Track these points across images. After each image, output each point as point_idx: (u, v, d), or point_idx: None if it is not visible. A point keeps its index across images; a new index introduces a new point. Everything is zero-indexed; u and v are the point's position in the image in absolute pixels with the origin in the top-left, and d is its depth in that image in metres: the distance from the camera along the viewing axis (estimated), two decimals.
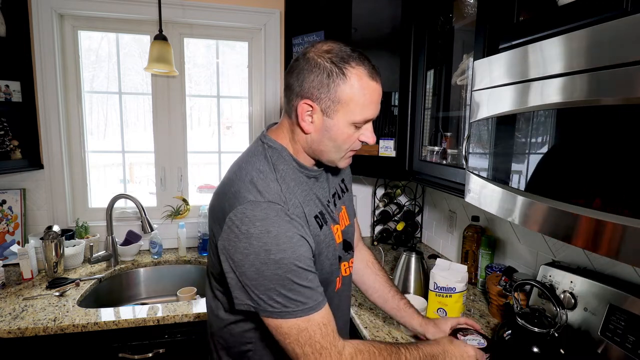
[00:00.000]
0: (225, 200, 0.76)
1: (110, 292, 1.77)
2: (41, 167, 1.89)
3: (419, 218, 2.21)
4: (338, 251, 0.90)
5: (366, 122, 0.80)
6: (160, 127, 2.06)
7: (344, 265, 0.97)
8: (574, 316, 1.07)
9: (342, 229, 0.93)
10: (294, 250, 0.71)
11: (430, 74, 1.53)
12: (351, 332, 1.35)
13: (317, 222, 0.82)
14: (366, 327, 1.27)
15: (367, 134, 0.81)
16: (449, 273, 1.25)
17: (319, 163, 0.87)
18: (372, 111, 0.78)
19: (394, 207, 2.16)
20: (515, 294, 1.14)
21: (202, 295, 1.71)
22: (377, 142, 1.74)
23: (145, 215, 1.79)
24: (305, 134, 0.79)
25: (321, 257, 0.82)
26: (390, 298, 1.13)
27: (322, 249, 0.82)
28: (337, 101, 0.75)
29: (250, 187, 0.74)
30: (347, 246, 0.97)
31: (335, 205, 0.93)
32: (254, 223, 0.70)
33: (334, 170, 0.96)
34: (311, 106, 0.76)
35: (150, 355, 1.38)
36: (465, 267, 1.27)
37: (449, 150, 1.43)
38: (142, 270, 1.90)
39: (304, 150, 0.83)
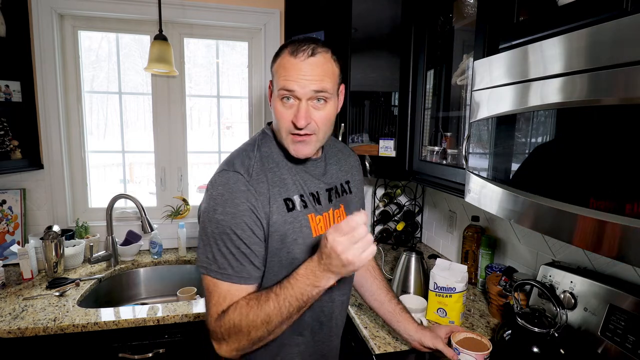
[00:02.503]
0: None
1: (110, 292, 1.77)
2: (41, 167, 1.89)
3: (419, 218, 2.21)
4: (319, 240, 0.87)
5: (290, 94, 0.81)
6: (160, 127, 2.06)
7: None
8: (574, 316, 1.07)
9: (330, 224, 0.92)
10: (235, 216, 0.78)
11: (430, 74, 1.53)
12: (351, 332, 1.35)
13: (286, 204, 0.84)
14: (366, 327, 1.27)
15: (297, 115, 0.81)
16: (449, 273, 1.25)
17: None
18: (290, 83, 0.80)
19: (394, 207, 2.16)
20: (515, 294, 1.14)
21: (202, 295, 1.71)
22: (377, 142, 1.74)
23: (145, 215, 1.79)
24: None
25: (287, 239, 0.83)
26: (387, 302, 1.13)
27: (286, 230, 0.83)
28: (272, 75, 0.85)
29: (228, 161, 0.86)
30: None
31: (329, 200, 0.93)
32: (216, 187, 0.81)
33: (336, 169, 0.99)
34: (270, 86, 0.87)
35: (150, 355, 1.38)
36: (465, 267, 1.27)
37: (449, 150, 1.43)
38: (142, 270, 1.90)
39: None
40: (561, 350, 0.98)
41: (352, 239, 0.68)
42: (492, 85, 0.91)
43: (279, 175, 0.86)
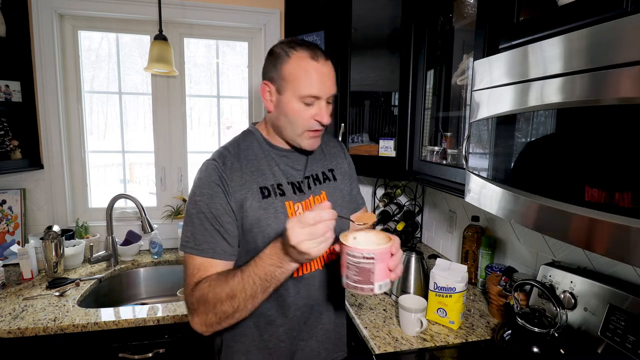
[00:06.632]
0: None
1: (110, 292, 1.77)
2: (41, 167, 1.89)
3: (419, 218, 2.21)
4: None
5: (315, 99, 0.88)
6: (160, 127, 2.06)
7: (326, 252, 0.95)
8: (574, 316, 1.07)
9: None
10: (211, 196, 0.87)
11: (430, 74, 1.53)
12: (351, 332, 1.35)
13: (261, 191, 0.91)
14: (366, 327, 1.27)
15: (321, 113, 0.89)
16: (449, 273, 1.25)
17: (294, 148, 0.98)
18: (317, 88, 0.86)
19: (394, 207, 2.16)
20: (515, 294, 1.14)
21: None
22: (377, 142, 1.74)
23: (145, 215, 1.79)
24: (269, 112, 0.94)
25: (261, 223, 0.89)
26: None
27: (260, 215, 0.89)
28: (284, 79, 0.87)
29: (212, 154, 0.95)
30: None
31: (309, 187, 0.99)
32: (198, 173, 0.91)
33: (319, 158, 1.04)
34: (268, 86, 0.90)
35: (150, 355, 1.38)
36: (465, 267, 1.27)
37: (449, 150, 1.43)
38: (142, 270, 1.90)
39: (272, 128, 0.96)
40: (561, 350, 0.98)
41: (310, 234, 0.69)
42: (492, 85, 0.91)
43: (256, 165, 0.93)
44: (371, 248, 0.72)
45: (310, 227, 0.69)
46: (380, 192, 2.24)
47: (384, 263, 0.72)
